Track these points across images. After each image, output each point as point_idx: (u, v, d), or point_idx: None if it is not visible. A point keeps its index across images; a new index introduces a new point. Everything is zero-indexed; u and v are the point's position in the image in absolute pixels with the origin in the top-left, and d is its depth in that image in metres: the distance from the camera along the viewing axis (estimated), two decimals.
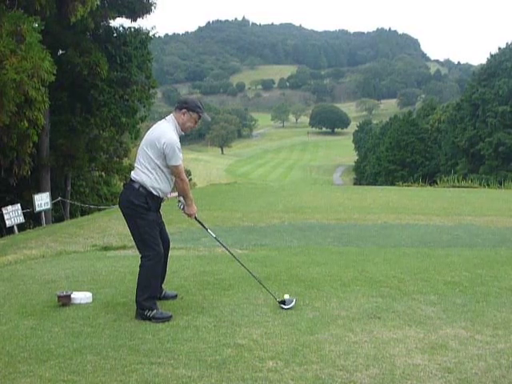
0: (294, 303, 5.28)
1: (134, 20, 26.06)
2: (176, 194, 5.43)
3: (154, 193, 5.12)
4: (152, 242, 5.09)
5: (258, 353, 4.15)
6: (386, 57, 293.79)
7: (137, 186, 5.10)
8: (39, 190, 21.92)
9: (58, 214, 25.25)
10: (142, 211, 5.09)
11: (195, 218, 5.44)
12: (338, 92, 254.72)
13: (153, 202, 5.14)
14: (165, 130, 5.13)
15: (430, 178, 46.11)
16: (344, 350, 4.21)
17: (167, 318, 4.92)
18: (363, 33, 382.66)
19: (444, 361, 3.98)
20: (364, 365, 3.92)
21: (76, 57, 22.58)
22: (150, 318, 4.90)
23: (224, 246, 5.90)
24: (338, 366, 3.90)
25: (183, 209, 5.38)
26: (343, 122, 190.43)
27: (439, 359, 4.01)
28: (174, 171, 5.12)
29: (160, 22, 48.61)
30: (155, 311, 4.94)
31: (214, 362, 3.98)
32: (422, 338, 4.47)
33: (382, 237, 10.70)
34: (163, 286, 5.57)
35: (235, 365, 3.94)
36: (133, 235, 5.21)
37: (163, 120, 5.36)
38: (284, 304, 5.25)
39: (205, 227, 5.54)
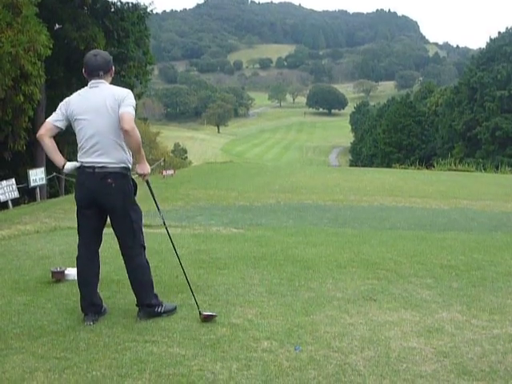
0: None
1: None
2: (171, 171, 5.14)
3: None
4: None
5: (252, 333, 4.13)
6: (384, 38, 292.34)
7: None
8: (34, 166, 21.82)
9: (52, 190, 25.20)
10: None
11: (147, 181, 4.59)
12: (336, 73, 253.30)
13: (79, 175, 4.50)
14: None
15: (427, 161, 46.00)
16: (339, 331, 4.19)
17: (175, 309, 4.63)
18: (362, 13, 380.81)
19: (440, 345, 3.95)
20: (359, 347, 3.90)
21: (73, 31, 22.38)
22: (160, 314, 4.50)
23: (168, 233, 4.91)
24: (333, 348, 3.87)
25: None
26: (340, 102, 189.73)
27: (435, 343, 3.98)
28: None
29: None
30: (165, 304, 4.60)
31: (209, 341, 3.95)
32: (417, 321, 4.44)
33: (379, 219, 10.68)
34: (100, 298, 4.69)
35: (229, 344, 3.91)
36: None
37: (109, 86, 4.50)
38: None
39: (154, 197, 4.71)
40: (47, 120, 4.48)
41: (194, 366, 3.56)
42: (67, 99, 4.51)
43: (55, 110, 4.49)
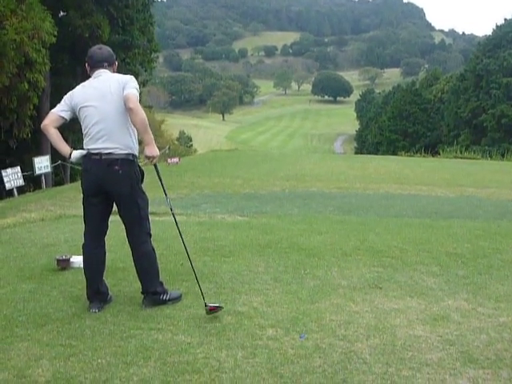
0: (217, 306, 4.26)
1: None
2: (176, 159, 5.10)
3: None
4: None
5: (257, 320, 4.12)
6: (390, 25, 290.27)
7: None
8: (39, 153, 21.83)
9: (58, 178, 25.23)
10: None
11: (155, 165, 4.53)
12: (341, 60, 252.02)
13: (85, 162, 4.47)
14: None
15: (432, 149, 45.82)
16: (345, 319, 4.18)
17: (180, 296, 4.63)
18: (368, 0, 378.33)
19: (445, 333, 3.94)
20: (365, 335, 3.89)
21: (77, 19, 22.33)
22: (165, 302, 4.50)
23: (174, 219, 4.76)
24: (339, 336, 3.86)
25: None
26: (346, 90, 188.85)
27: (441, 331, 3.97)
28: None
29: None
30: (170, 292, 4.58)
31: (214, 329, 3.95)
32: (423, 309, 4.43)
33: (384, 206, 10.65)
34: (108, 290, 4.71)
35: (235, 332, 3.91)
36: None
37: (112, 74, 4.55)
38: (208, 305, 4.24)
39: (161, 182, 4.62)
40: (51, 111, 4.47)
41: (199, 354, 3.56)
42: (71, 92, 4.53)
43: (60, 101, 4.49)
